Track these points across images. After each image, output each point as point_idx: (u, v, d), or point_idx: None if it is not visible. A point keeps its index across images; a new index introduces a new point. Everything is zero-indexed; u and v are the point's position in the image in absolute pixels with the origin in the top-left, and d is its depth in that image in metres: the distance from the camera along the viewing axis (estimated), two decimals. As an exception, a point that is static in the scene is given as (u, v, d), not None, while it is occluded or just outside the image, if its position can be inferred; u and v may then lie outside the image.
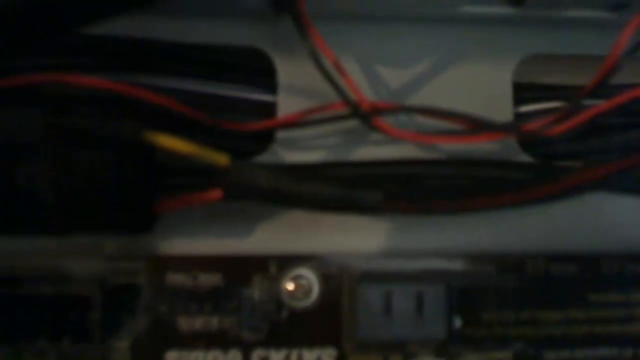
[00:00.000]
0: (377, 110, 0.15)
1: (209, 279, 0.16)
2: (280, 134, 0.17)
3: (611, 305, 0.16)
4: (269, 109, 0.17)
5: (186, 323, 0.16)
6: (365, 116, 0.15)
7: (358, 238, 0.16)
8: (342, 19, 0.16)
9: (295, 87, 0.17)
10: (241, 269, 0.16)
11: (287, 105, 0.17)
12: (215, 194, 0.14)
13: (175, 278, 0.16)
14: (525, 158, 0.17)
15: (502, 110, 0.17)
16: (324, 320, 0.16)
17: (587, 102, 0.16)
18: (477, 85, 0.17)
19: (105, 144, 0.13)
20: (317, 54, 0.15)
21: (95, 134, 0.12)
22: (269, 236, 0.16)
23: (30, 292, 0.14)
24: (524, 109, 0.18)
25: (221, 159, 0.14)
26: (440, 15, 0.16)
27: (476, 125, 0.15)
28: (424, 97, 0.17)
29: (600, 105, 0.15)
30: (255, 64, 0.17)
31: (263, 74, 0.17)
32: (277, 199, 0.14)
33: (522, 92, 0.18)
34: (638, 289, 0.16)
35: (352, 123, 0.16)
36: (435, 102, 0.16)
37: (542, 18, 0.16)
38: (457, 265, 0.16)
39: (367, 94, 0.16)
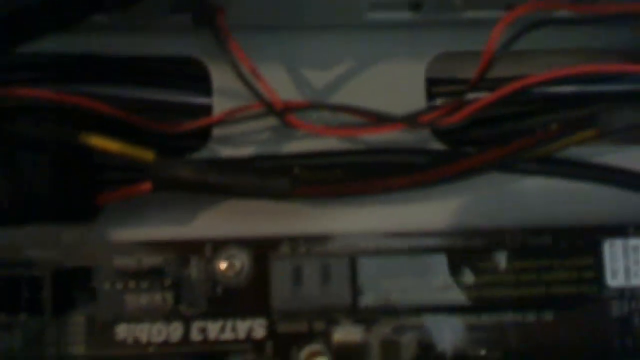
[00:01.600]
0: (289, 108, 0.17)
1: (151, 261, 0.18)
2: (216, 132, 0.19)
3: (516, 272, 0.18)
4: (206, 111, 0.19)
5: (133, 300, 0.18)
6: (279, 114, 0.17)
7: (283, 222, 0.19)
8: (260, 29, 0.18)
9: (228, 90, 0.19)
10: (180, 252, 0.18)
11: (220, 106, 0.19)
12: (146, 186, 0.16)
13: (122, 261, 0.18)
14: (438, 146, 0.19)
15: (416, 104, 0.19)
16: (254, 295, 0.18)
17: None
18: (391, 83, 0.19)
19: (44, 147, 0.15)
20: (235, 62, 0.17)
21: (35, 138, 0.15)
22: (205, 223, 0.19)
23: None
24: (439, 102, 0.20)
25: (148, 155, 0.16)
26: (350, 22, 0.18)
27: (379, 118, 0.17)
28: (344, 97, 0.19)
29: (487, 97, 0.17)
30: (192, 72, 0.19)
31: (199, 80, 0.19)
32: (199, 188, 0.16)
33: (435, 86, 0.20)
34: (539, 258, 0.18)
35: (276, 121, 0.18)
36: (355, 101, 0.18)
37: (441, 20, 0.18)
38: (365, 242, 0.18)
39: (289, 96, 0.18)
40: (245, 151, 0.19)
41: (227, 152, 0.19)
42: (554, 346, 0.18)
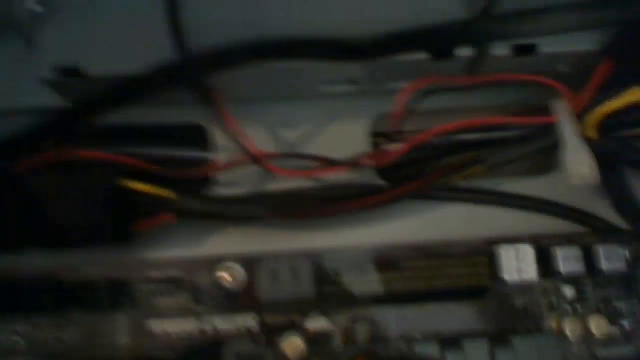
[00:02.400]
0: (268, 157, 0.24)
1: (173, 273, 0.25)
2: (216, 177, 0.26)
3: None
4: (206, 162, 0.26)
5: (161, 302, 0.25)
6: (259, 161, 0.24)
7: (266, 243, 0.25)
8: (245, 101, 0.25)
9: (222, 147, 0.26)
10: (193, 266, 0.25)
11: (218, 159, 0.26)
12: (169, 216, 0.23)
13: (153, 273, 0.25)
14: (380, 182, 0.26)
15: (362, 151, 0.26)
16: (248, 296, 0.25)
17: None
18: (345, 138, 0.26)
19: (98, 189, 0.22)
20: (227, 126, 0.24)
21: (91, 183, 0.22)
22: (210, 245, 0.25)
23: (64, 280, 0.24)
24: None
25: (169, 194, 0.23)
26: (312, 94, 0.25)
27: (330, 163, 0.24)
28: (309, 149, 0.26)
29: (401, 147, 0.23)
30: (195, 134, 0.26)
31: (201, 140, 0.26)
32: (205, 216, 0.23)
33: (377, 138, 0.26)
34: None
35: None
36: (316, 151, 0.25)
37: (374, 90, 0.25)
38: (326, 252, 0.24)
39: (267, 149, 0.25)
40: (236, 190, 0.26)
41: (223, 191, 0.26)
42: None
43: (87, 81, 0.22)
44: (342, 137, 0.26)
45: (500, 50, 0.22)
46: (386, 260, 0.24)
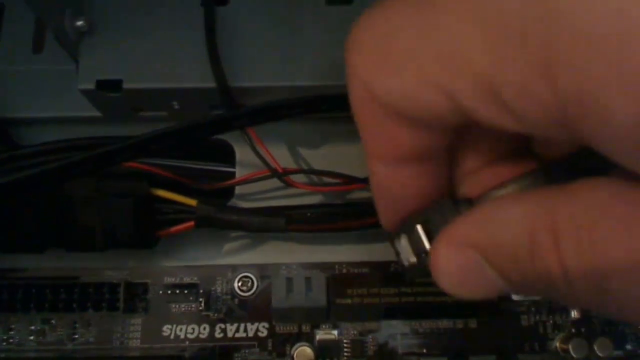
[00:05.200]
0: (287, 172, 0.25)
1: (189, 279, 0.26)
2: (238, 190, 0.27)
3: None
4: (232, 175, 0.28)
5: (175, 307, 0.26)
6: (280, 175, 0.25)
7: (280, 255, 0.26)
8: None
9: (246, 162, 0.28)
10: (209, 273, 0.26)
11: (241, 173, 0.27)
12: (190, 224, 0.25)
13: (169, 279, 0.26)
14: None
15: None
16: (260, 305, 0.26)
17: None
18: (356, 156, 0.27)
19: (127, 195, 0.24)
20: (252, 143, 0.26)
21: (122, 191, 0.23)
22: (226, 254, 0.27)
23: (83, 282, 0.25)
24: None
25: (192, 202, 0.24)
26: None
27: (346, 180, 0.25)
28: (325, 166, 0.27)
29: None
30: (223, 150, 0.28)
31: (228, 155, 0.28)
32: (226, 225, 0.25)
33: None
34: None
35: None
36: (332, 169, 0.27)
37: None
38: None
39: (287, 165, 0.27)
40: (258, 203, 0.27)
41: (245, 204, 0.27)
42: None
43: (125, 95, 0.24)
44: (361, 156, 0.27)
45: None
46: (396, 275, 0.25)
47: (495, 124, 0.11)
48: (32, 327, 0.25)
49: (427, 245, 0.15)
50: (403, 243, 0.16)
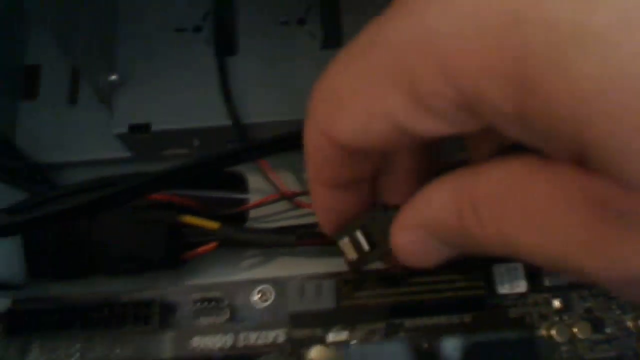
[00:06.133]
0: (295, 195, 0.29)
1: (214, 295, 0.29)
2: (252, 214, 0.31)
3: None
4: (246, 201, 0.31)
5: (203, 320, 0.29)
6: (288, 198, 0.29)
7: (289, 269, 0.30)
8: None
9: (258, 188, 0.31)
10: (231, 289, 0.29)
11: (254, 198, 0.31)
12: (214, 244, 0.28)
13: (196, 295, 0.29)
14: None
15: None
16: (278, 314, 0.29)
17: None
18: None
19: (158, 223, 0.27)
20: (263, 171, 0.29)
21: (154, 218, 0.27)
22: (245, 271, 0.30)
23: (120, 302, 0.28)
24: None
25: (214, 225, 0.28)
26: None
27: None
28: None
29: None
30: (237, 179, 0.32)
31: (242, 184, 0.32)
32: (244, 244, 0.28)
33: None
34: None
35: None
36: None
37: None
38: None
39: (295, 188, 0.30)
40: (270, 224, 0.31)
41: (259, 225, 0.31)
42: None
43: (153, 136, 0.28)
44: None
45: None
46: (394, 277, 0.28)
47: (432, 130, 0.14)
48: (77, 345, 0.28)
49: (365, 245, 0.20)
50: (346, 244, 0.21)
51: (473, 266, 0.28)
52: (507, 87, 0.12)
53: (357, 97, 0.15)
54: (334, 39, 0.29)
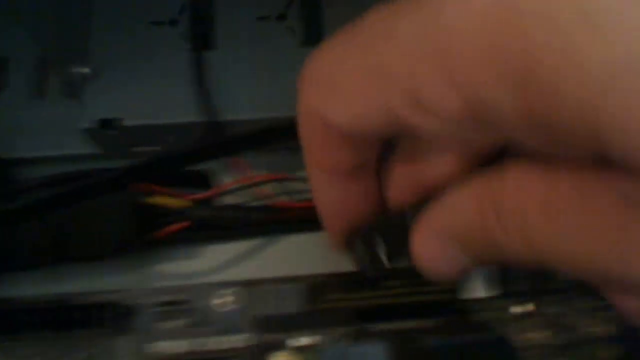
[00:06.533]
0: (266, 180, 0.28)
1: (176, 297, 0.28)
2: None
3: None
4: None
5: (161, 325, 0.27)
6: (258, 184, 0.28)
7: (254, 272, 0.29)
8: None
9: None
10: (193, 291, 0.28)
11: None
12: (186, 224, 0.27)
13: (155, 299, 0.28)
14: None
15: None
16: (240, 318, 0.27)
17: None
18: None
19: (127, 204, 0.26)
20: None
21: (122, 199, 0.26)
22: (210, 271, 0.29)
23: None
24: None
25: (186, 203, 0.27)
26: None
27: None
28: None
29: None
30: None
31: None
32: (215, 222, 0.27)
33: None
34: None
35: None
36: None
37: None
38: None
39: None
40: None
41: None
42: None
43: (124, 131, 0.27)
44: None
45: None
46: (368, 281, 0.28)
47: (434, 130, 0.14)
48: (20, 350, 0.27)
49: (383, 255, 0.19)
50: (360, 252, 0.19)
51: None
52: (514, 91, 0.11)
53: (357, 87, 0.14)
54: (314, 35, 0.28)
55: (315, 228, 0.28)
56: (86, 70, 0.27)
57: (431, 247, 0.17)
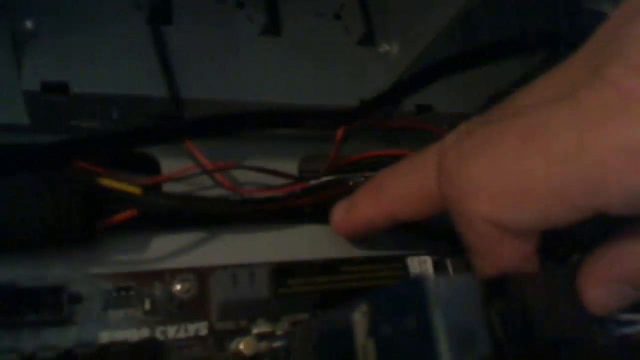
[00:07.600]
0: (219, 168, 0.28)
1: (128, 284, 0.26)
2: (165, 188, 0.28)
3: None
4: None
5: (114, 314, 0.25)
6: (210, 173, 0.28)
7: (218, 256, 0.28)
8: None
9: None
10: (147, 278, 0.26)
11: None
12: (133, 212, 0.25)
13: (108, 284, 0.25)
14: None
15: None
16: (199, 305, 0.26)
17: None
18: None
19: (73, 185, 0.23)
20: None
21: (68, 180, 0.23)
22: (165, 257, 0.27)
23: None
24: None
25: (136, 190, 0.25)
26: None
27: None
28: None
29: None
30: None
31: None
32: (168, 208, 0.26)
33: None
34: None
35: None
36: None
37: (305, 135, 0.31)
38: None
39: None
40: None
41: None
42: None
43: (70, 98, 0.25)
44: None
45: (407, 107, 0.31)
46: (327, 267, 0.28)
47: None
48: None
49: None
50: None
51: (392, 257, 0.30)
52: None
53: (527, 196, 0.18)
54: (274, 27, 0.29)
55: (265, 218, 0.28)
56: (29, 24, 0.24)
57: (606, 291, 0.19)
